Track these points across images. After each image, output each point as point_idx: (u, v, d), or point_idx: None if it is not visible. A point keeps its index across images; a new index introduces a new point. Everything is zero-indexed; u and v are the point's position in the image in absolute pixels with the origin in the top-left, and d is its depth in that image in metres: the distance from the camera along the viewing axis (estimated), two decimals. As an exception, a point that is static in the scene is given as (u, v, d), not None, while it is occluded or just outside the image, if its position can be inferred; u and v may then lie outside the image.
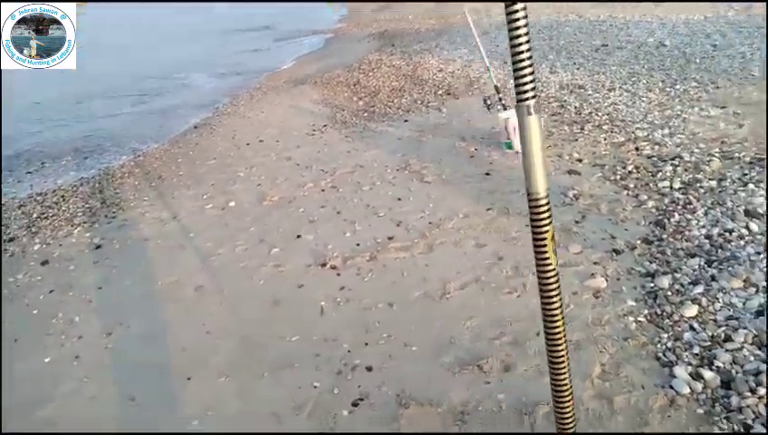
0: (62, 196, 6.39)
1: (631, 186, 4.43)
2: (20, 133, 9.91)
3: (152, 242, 4.84)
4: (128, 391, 2.97)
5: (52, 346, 3.50)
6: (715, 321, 2.75)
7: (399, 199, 4.84)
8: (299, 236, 4.47)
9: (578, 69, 8.55)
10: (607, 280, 3.26)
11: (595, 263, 3.45)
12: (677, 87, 6.77)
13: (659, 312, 2.89)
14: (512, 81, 1.44)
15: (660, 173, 4.54)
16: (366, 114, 7.91)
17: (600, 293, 3.15)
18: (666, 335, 2.71)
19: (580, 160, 5.07)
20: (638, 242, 3.62)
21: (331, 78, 10.64)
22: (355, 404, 2.63)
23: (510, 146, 5.43)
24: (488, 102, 5.85)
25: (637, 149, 5.15)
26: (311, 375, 2.86)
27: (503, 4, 1.09)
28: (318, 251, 4.17)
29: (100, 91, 13.43)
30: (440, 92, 8.42)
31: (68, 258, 4.76)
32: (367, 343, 3.04)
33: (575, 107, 6.67)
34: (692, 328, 2.73)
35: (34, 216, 5.85)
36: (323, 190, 5.37)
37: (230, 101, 10.14)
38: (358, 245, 4.17)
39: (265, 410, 2.68)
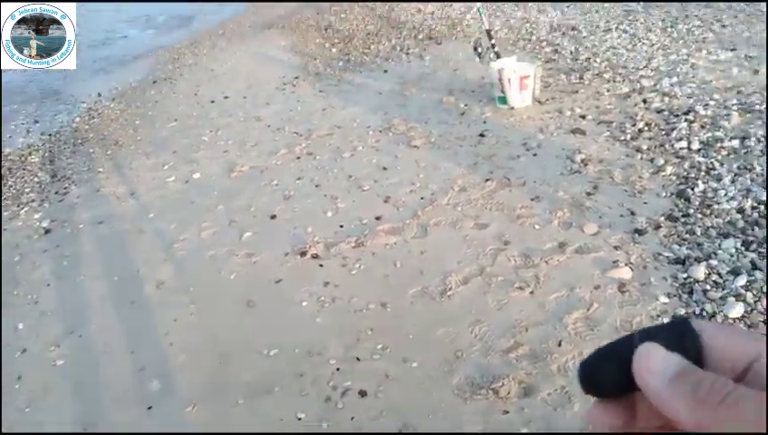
0: (9, 168, 5.71)
1: (644, 147, 3.96)
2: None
3: (107, 225, 4.27)
4: (80, 425, 2.51)
5: (-10, 364, 3.00)
6: (766, 323, 2.36)
7: (385, 169, 4.31)
8: (274, 217, 3.94)
9: (567, 7, 7.90)
10: (632, 269, 2.83)
11: (616, 247, 3.01)
12: (679, 26, 6.22)
13: (699, 311, 2.48)
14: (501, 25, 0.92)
15: (675, 131, 4.07)
16: (341, 63, 7.22)
17: (627, 286, 2.73)
18: (711, 345, 2.31)
19: (583, 117, 4.56)
20: (662, 219, 3.18)
21: (299, 21, 9.80)
22: (349, 443, 2.21)
23: (505, 101, 4.88)
24: (479, 50, 5.25)
25: (644, 101, 4.65)
26: (294, 403, 2.42)
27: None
28: (296, 235, 3.66)
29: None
30: (420, 37, 7.72)
31: (14, 246, 4.17)
32: (359, 358, 2.59)
33: (570, 52, 6.10)
34: (741, 334, 2.33)
35: (-25, 194, 5.20)
36: (299, 158, 4.80)
37: (191, 51, 9.27)
38: (341, 227, 3.67)
39: (242, 451, 2.25)
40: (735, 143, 3.77)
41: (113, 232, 4.14)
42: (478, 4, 5.27)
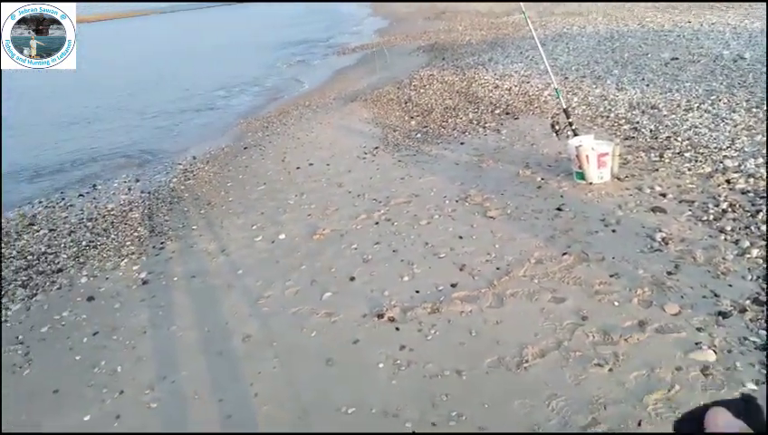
0: (112, 222, 6.27)
1: (728, 228, 3.89)
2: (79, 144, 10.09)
3: (199, 279, 4.59)
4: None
5: (93, 401, 3.26)
6: None
7: (461, 238, 4.44)
8: (352, 279, 4.13)
9: (647, 85, 7.95)
10: (716, 352, 2.77)
11: (699, 329, 2.96)
12: (765, 108, 6.12)
13: (790, 402, 2.39)
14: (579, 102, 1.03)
15: (761, 213, 3.98)
16: (419, 135, 7.54)
17: (710, 369, 2.67)
18: (805, 437, 2.22)
19: (663, 195, 4.54)
20: (748, 302, 3.10)
21: (381, 95, 10.33)
22: (424, 506, 2.25)
23: (583, 176, 4.95)
24: (556, 127, 5.39)
25: (728, 181, 4.59)
26: (371, 461, 2.50)
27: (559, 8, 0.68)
28: (374, 298, 3.82)
29: (139, 108, 13.79)
30: (497, 111, 7.97)
31: (114, 294, 4.56)
32: (434, 423, 2.65)
33: (650, 130, 6.12)
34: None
35: (83, 243, 5.73)
36: (377, 223, 5.02)
37: (280, 120, 9.94)
38: (417, 292, 3.79)
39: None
40: (828, 229, 3.65)
41: (205, 286, 4.45)
42: (554, 84, 5.45)
